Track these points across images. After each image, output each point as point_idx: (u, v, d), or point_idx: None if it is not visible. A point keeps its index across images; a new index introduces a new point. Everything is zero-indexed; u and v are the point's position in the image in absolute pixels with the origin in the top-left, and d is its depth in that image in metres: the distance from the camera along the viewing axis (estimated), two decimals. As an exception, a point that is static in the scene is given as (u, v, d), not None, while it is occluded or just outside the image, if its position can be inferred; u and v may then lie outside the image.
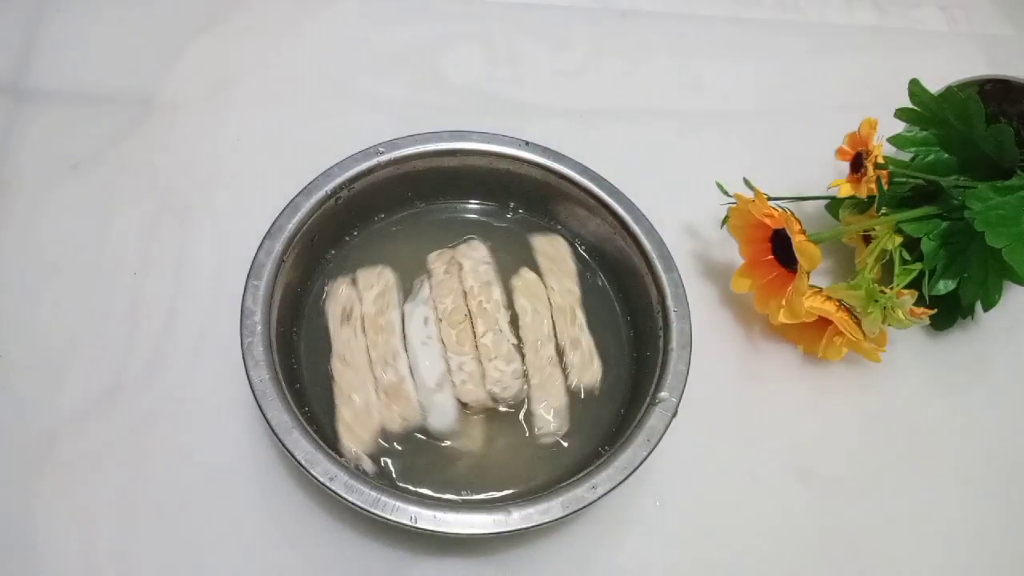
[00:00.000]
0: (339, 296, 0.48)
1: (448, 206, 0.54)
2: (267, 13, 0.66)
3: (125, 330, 0.50)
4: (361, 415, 0.45)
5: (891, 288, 0.50)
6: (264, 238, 0.46)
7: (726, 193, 0.53)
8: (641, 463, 0.42)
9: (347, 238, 0.51)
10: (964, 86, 0.58)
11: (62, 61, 0.61)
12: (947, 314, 0.54)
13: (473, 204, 0.54)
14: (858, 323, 0.50)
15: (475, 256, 0.50)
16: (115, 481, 0.46)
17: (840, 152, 0.53)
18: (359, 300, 0.48)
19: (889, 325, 0.49)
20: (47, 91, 0.60)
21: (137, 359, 0.49)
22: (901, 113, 0.53)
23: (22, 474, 0.46)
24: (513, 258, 0.51)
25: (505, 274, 0.50)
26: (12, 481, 0.45)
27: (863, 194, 0.51)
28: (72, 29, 0.63)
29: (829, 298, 0.50)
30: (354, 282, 0.49)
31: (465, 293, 0.48)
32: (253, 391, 0.41)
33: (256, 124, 0.60)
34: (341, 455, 0.43)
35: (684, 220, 0.58)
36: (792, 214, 0.49)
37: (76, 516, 0.45)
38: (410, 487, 0.44)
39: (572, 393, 0.47)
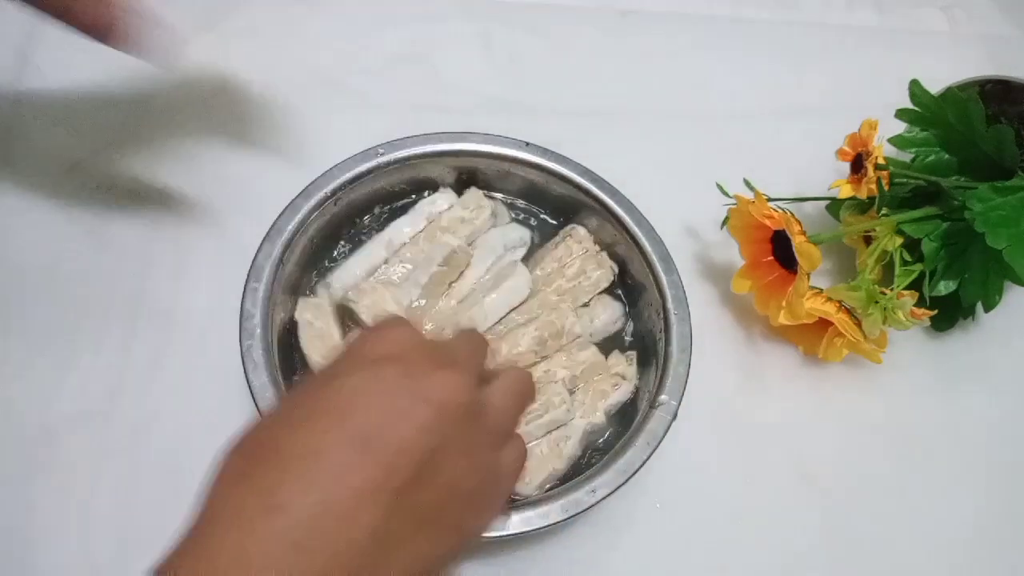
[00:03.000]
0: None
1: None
2: (267, 13, 0.66)
3: (125, 331, 0.50)
4: None
5: (891, 289, 0.49)
6: (263, 240, 0.46)
7: (726, 194, 0.53)
8: (641, 466, 0.42)
9: (346, 239, 0.51)
10: (964, 87, 0.58)
11: (62, 62, 0.61)
12: (948, 315, 0.54)
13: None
14: (858, 324, 0.50)
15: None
16: (115, 482, 0.46)
17: (840, 153, 0.53)
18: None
19: (889, 326, 0.49)
20: (47, 91, 0.60)
21: (136, 361, 0.49)
22: (901, 114, 0.53)
23: (22, 474, 0.46)
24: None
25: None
26: (12, 481, 0.45)
27: (863, 195, 0.51)
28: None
29: (829, 299, 0.50)
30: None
31: None
32: (252, 394, 0.41)
33: (255, 125, 0.60)
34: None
35: (684, 221, 0.58)
36: (792, 215, 0.49)
37: (76, 516, 0.45)
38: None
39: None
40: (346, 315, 0.48)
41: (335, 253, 0.51)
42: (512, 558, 0.45)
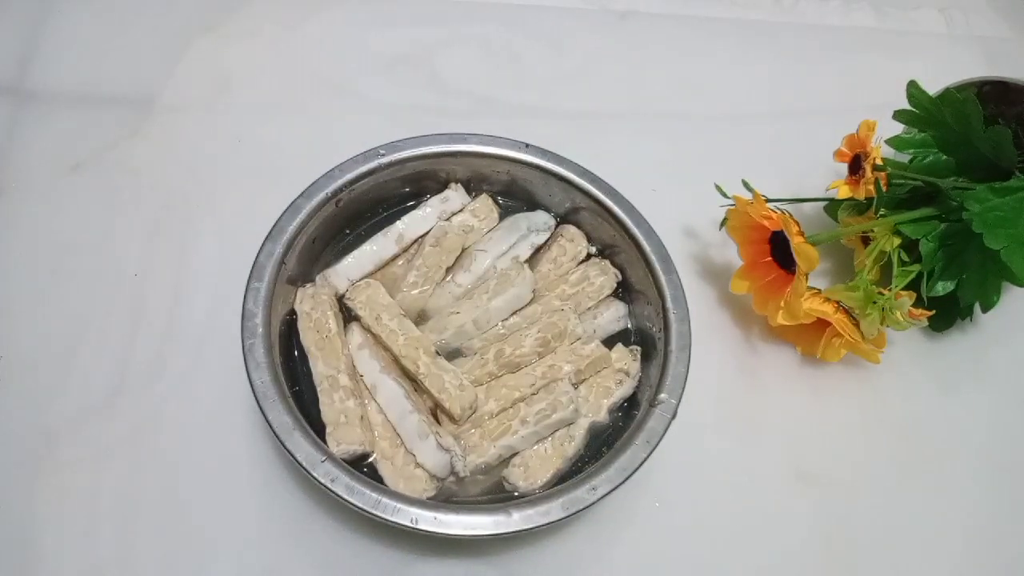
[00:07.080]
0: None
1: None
2: (267, 15, 0.66)
3: (126, 331, 0.51)
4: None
5: (889, 289, 0.50)
6: (265, 240, 0.46)
7: (725, 195, 0.53)
8: (641, 464, 0.42)
9: (346, 239, 0.52)
10: (962, 88, 0.58)
11: (63, 63, 0.61)
12: (945, 315, 0.54)
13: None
14: (856, 324, 0.50)
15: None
16: (116, 481, 0.46)
17: (838, 154, 0.53)
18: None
19: (887, 326, 0.49)
20: (48, 93, 0.60)
21: (138, 360, 0.50)
22: (899, 115, 0.53)
23: (23, 474, 0.46)
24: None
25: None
26: (13, 481, 0.46)
27: (861, 196, 0.51)
28: (73, 31, 0.63)
29: (827, 299, 0.50)
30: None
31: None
32: (254, 393, 0.41)
33: (256, 126, 0.60)
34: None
35: (683, 222, 0.59)
36: (790, 216, 0.49)
37: (77, 516, 0.45)
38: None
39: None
40: (344, 308, 0.48)
41: (336, 252, 0.51)
42: (513, 555, 0.46)
